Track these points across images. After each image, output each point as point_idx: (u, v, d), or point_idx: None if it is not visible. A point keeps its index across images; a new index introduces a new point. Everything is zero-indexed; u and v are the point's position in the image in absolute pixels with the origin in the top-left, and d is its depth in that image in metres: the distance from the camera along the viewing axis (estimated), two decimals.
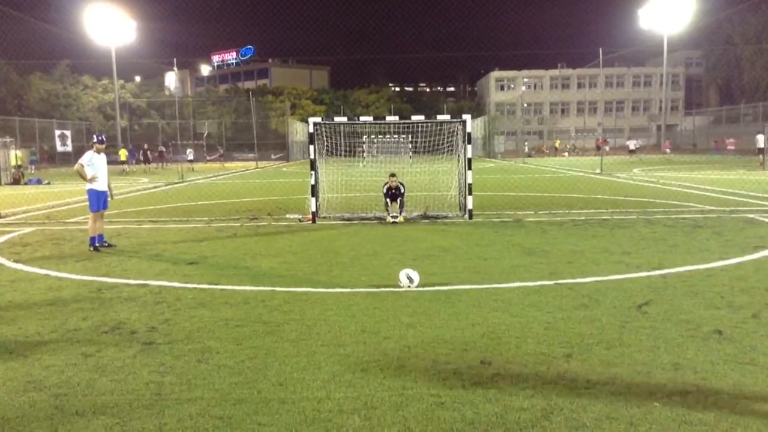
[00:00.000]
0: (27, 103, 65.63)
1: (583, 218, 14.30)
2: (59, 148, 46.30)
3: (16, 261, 10.22)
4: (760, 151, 38.18)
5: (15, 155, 32.41)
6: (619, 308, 6.75)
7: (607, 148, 60.39)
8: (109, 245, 11.48)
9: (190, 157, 48.81)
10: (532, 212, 15.60)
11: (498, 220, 14.38)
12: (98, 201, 11.56)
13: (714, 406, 4.29)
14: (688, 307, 6.78)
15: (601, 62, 35.88)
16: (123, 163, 44.51)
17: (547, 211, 15.77)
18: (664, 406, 4.30)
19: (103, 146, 11.79)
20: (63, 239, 12.57)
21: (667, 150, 63.87)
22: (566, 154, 69.59)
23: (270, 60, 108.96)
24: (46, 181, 31.27)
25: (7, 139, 34.73)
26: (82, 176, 11.47)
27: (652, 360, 5.18)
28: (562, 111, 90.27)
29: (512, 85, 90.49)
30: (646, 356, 5.27)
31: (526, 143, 67.97)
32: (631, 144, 62.48)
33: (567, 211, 15.63)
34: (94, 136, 11.91)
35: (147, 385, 4.83)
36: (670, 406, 4.29)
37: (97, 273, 9.16)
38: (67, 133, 49.07)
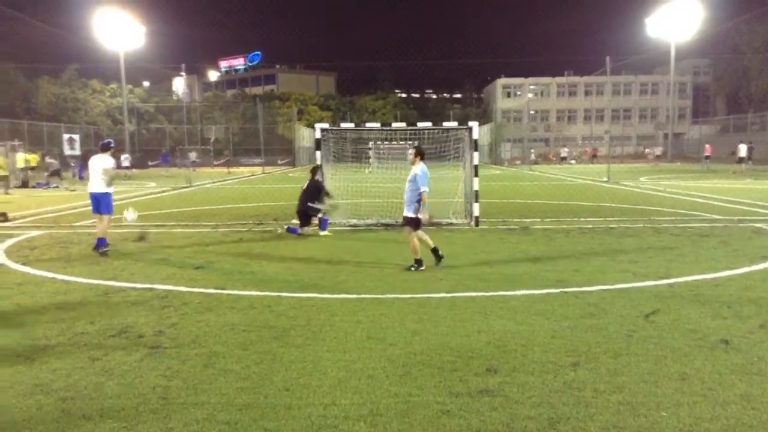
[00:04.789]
0: (35, 106, 65.89)
1: (589, 226, 14.27)
2: (67, 151, 46.41)
3: (23, 264, 10.26)
4: (741, 160, 38.29)
5: (24, 158, 32.49)
6: (626, 317, 6.73)
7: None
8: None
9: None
10: (539, 220, 15.58)
11: (504, 227, 14.36)
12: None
13: (722, 416, 4.28)
14: (695, 316, 6.76)
15: (608, 70, 35.84)
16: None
17: (553, 219, 15.74)
18: (671, 416, 4.29)
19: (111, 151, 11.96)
20: (70, 242, 12.61)
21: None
22: (573, 161, 69.56)
23: (277, 66, 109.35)
24: (64, 186, 30.74)
25: (16, 143, 34.81)
26: (111, 180, 11.74)
27: (659, 369, 5.17)
28: (569, 118, 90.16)
29: (519, 92, 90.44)
30: (653, 366, 5.25)
31: (532, 150, 67.99)
32: (563, 151, 62.82)
33: (573, 219, 15.61)
34: (110, 141, 12.08)
35: (153, 389, 4.84)
36: (678, 417, 4.28)
37: (104, 276, 9.19)
38: (76, 137, 49.25)
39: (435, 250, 9.67)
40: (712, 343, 5.85)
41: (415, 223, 9.53)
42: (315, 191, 14.00)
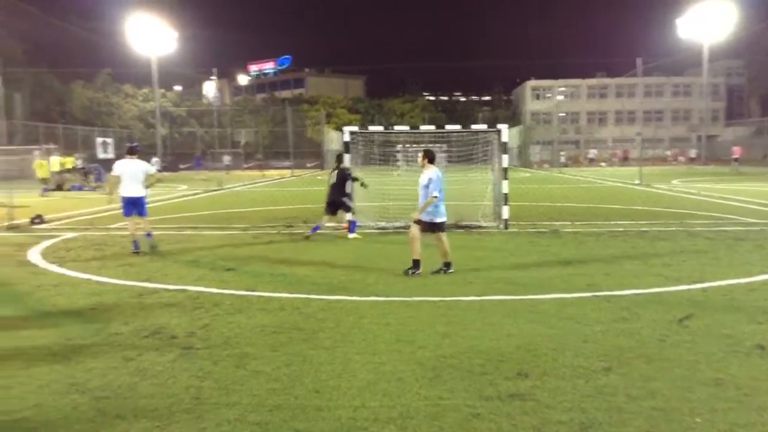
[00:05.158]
0: (70, 110, 67.13)
1: (621, 229, 14.11)
2: (100, 155, 47.23)
3: (59, 265, 10.46)
4: None
5: (60, 161, 33.09)
6: (658, 321, 6.65)
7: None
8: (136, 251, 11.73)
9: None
10: (569, 223, 15.45)
11: (534, 230, 14.27)
12: None
13: (758, 423, 4.20)
14: (730, 321, 6.65)
15: (639, 71, 35.39)
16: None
17: (584, 222, 15.60)
18: (705, 422, 4.23)
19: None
20: (105, 244, 12.82)
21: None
22: (604, 164, 68.96)
23: (306, 69, 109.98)
24: (92, 187, 31.46)
25: (51, 146, 35.53)
26: (153, 184, 12.37)
27: (693, 375, 5.09)
28: (600, 120, 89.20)
29: (548, 94, 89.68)
30: (687, 371, 5.18)
31: (562, 153, 67.46)
32: (591, 153, 62.33)
33: (604, 222, 15.45)
34: (137, 145, 12.36)
35: (186, 389, 4.90)
36: (712, 423, 4.22)
37: (138, 278, 9.33)
38: (109, 140, 50.08)
39: (417, 262, 9.30)
40: (747, 348, 5.75)
41: (438, 227, 9.37)
42: (345, 182, 14.05)
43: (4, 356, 5.78)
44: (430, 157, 9.51)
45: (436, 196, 9.12)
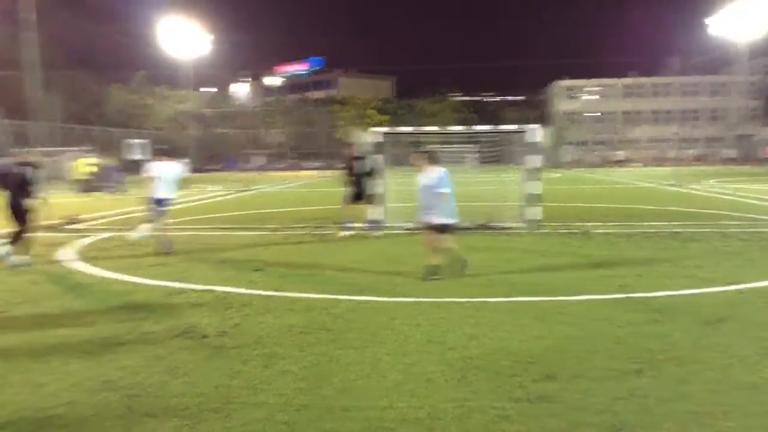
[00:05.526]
0: (106, 112, 68.31)
1: (654, 230, 13.89)
2: (135, 156, 47.97)
3: (93, 265, 10.64)
4: None
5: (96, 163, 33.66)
6: (691, 324, 6.53)
7: None
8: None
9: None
10: (600, 224, 15.26)
11: (565, 231, 14.12)
12: None
13: None
14: (765, 324, 6.51)
15: (675, 70, 34.82)
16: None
17: (615, 223, 15.40)
18: (738, 426, 4.15)
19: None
20: (137, 245, 12.97)
21: None
22: (640, 163, 68.14)
23: (336, 70, 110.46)
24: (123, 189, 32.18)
25: (88, 148, 36.26)
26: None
27: (727, 378, 5.00)
28: (634, 120, 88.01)
29: (581, 94, 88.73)
30: (720, 374, 5.09)
31: (595, 153, 66.77)
32: (619, 154, 61.23)
33: (637, 223, 15.23)
34: (166, 146, 12.64)
35: (216, 388, 4.95)
36: (746, 427, 4.14)
37: (170, 278, 9.44)
38: (145, 141, 50.85)
39: (436, 267, 9.06)
40: None
41: (441, 229, 9.06)
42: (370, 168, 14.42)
43: (40, 353, 5.91)
44: (434, 158, 9.36)
45: (446, 192, 8.95)
